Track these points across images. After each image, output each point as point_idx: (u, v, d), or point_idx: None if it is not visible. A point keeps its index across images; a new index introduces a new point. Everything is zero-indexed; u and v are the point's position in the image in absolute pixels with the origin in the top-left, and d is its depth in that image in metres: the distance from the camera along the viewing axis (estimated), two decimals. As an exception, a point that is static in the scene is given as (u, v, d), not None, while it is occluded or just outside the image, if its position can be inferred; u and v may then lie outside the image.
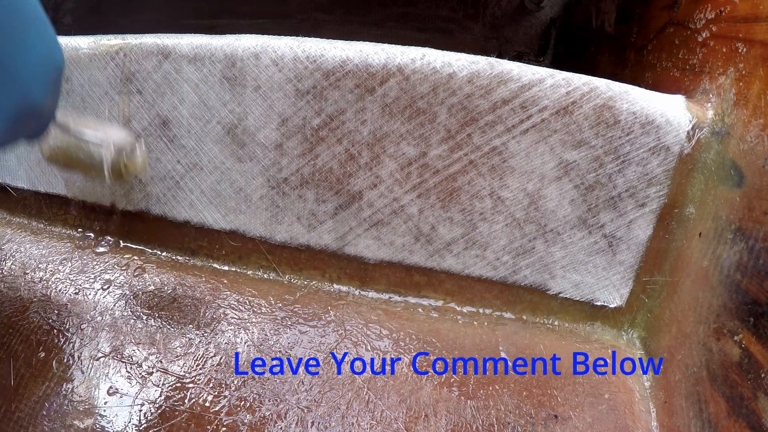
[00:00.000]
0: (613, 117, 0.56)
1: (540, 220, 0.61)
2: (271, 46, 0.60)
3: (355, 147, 0.61)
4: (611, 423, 0.54)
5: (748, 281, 0.45)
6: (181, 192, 0.68)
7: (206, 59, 0.62)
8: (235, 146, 0.64)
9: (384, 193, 0.63)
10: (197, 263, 0.70)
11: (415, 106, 0.59)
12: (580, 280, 0.63)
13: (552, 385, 0.57)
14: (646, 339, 0.62)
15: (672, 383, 0.54)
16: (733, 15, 0.54)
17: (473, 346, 0.61)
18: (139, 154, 0.54)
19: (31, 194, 0.75)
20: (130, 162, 0.53)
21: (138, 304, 0.63)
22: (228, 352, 0.58)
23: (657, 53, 0.70)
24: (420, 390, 0.56)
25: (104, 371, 0.55)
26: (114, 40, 0.66)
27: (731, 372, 0.45)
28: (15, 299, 0.63)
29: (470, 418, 0.53)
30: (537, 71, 0.57)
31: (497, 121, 0.58)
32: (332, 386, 0.55)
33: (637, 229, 0.60)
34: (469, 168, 0.60)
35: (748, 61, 0.50)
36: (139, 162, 0.54)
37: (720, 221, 0.51)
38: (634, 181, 0.58)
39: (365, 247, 0.65)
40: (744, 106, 0.51)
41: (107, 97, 0.67)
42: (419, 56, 0.58)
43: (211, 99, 0.63)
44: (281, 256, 0.68)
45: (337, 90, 0.60)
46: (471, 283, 0.65)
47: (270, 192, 0.65)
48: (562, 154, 0.58)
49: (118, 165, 0.52)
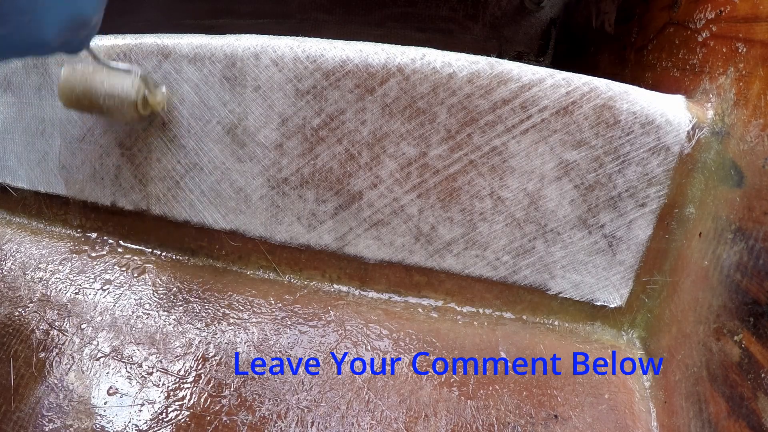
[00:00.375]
0: (613, 117, 0.56)
1: (540, 220, 0.61)
2: (271, 46, 0.60)
3: (355, 147, 0.61)
4: (611, 423, 0.54)
5: (748, 281, 0.45)
6: (181, 192, 0.68)
7: (206, 59, 0.62)
8: (235, 146, 0.64)
9: (384, 193, 0.63)
10: (197, 263, 0.70)
11: (415, 106, 0.59)
12: (580, 280, 0.63)
13: (552, 385, 0.57)
14: (646, 339, 0.62)
15: (672, 383, 0.54)
16: (733, 15, 0.54)
17: (473, 346, 0.61)
18: (161, 92, 0.57)
19: (31, 194, 0.75)
20: (152, 96, 0.55)
21: (138, 304, 0.63)
22: (228, 352, 0.58)
23: (657, 53, 0.70)
24: (420, 390, 0.56)
25: (104, 371, 0.55)
26: (114, 40, 0.66)
27: (731, 372, 0.45)
28: (15, 299, 0.63)
29: (470, 418, 0.53)
30: (537, 71, 0.57)
31: (497, 121, 0.58)
32: (332, 386, 0.55)
33: (637, 229, 0.60)
34: (469, 168, 0.60)
35: (748, 61, 0.50)
36: (158, 98, 0.56)
37: (720, 221, 0.51)
38: (634, 181, 0.58)
39: (365, 247, 0.65)
40: (744, 106, 0.51)
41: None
42: (419, 56, 0.58)
43: (211, 99, 0.63)
44: (281, 256, 0.68)
45: (337, 90, 0.60)
46: (471, 283, 0.65)
47: (270, 192, 0.65)
48: (562, 154, 0.58)
49: (138, 97, 0.54)
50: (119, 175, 0.69)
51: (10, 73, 0.72)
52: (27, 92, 0.72)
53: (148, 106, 0.57)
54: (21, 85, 0.72)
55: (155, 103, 0.58)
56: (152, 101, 0.57)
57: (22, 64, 0.71)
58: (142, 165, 0.68)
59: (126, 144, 0.68)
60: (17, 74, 0.71)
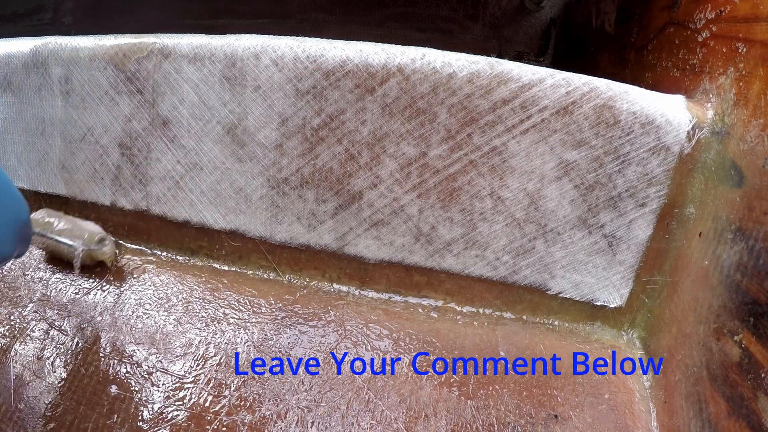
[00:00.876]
0: (613, 117, 0.56)
1: (540, 220, 0.61)
2: (271, 46, 0.60)
3: (355, 147, 0.61)
4: (611, 423, 0.54)
5: (748, 281, 0.45)
6: (181, 192, 0.67)
7: (206, 59, 0.62)
8: (235, 146, 0.64)
9: (384, 193, 0.63)
10: (197, 263, 0.70)
11: (415, 106, 0.59)
12: (580, 280, 0.63)
13: (552, 385, 0.57)
14: (646, 339, 0.62)
15: (672, 383, 0.54)
16: (733, 15, 0.54)
17: (473, 346, 0.61)
18: (107, 247, 0.66)
19: (31, 194, 0.75)
20: (98, 253, 0.65)
21: (138, 304, 0.63)
22: (228, 352, 0.58)
23: (657, 53, 0.70)
24: (420, 390, 0.56)
25: (104, 371, 0.55)
26: (114, 40, 0.66)
27: (731, 372, 0.45)
28: (15, 299, 0.63)
29: (470, 418, 0.53)
30: (537, 71, 0.57)
31: (497, 121, 0.58)
32: (332, 386, 0.55)
33: (637, 229, 0.60)
34: (469, 168, 0.60)
35: (748, 61, 0.50)
36: (107, 253, 0.66)
37: (720, 221, 0.51)
38: (634, 181, 0.58)
39: (365, 247, 0.65)
40: (744, 106, 0.51)
41: (107, 97, 0.67)
42: (419, 56, 0.58)
43: (211, 99, 0.63)
44: (281, 256, 0.68)
45: (337, 90, 0.60)
46: (471, 283, 0.65)
47: (270, 192, 0.65)
48: (562, 154, 0.58)
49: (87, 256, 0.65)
50: (119, 175, 0.69)
51: (10, 73, 0.72)
52: (27, 92, 0.72)
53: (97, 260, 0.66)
54: (21, 85, 0.72)
55: (103, 258, 0.66)
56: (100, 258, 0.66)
57: (22, 63, 0.71)
58: (142, 165, 0.68)
59: (126, 144, 0.68)
60: (17, 74, 0.71)
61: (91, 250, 0.65)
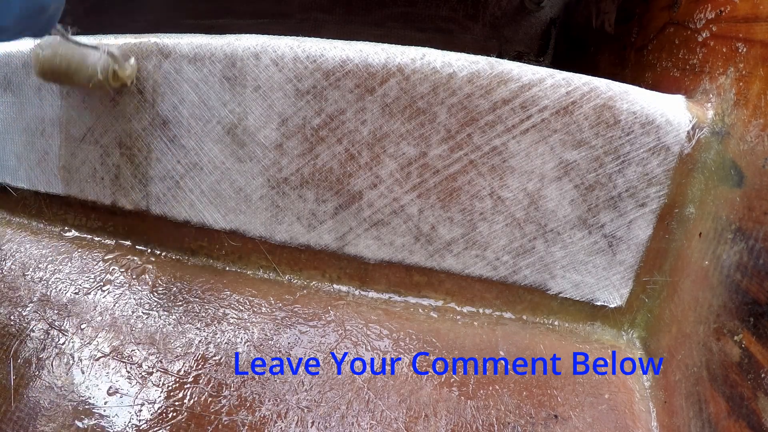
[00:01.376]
0: (613, 117, 0.56)
1: (540, 220, 0.61)
2: (271, 46, 0.60)
3: (355, 147, 0.61)
4: (611, 423, 0.54)
5: (748, 281, 0.45)
6: (181, 192, 0.68)
7: (206, 59, 0.62)
8: (235, 146, 0.64)
9: (384, 193, 0.63)
10: (197, 263, 0.70)
11: (415, 106, 0.59)
12: (580, 280, 0.63)
13: (552, 385, 0.57)
14: (646, 339, 0.62)
15: (672, 383, 0.54)
16: (733, 15, 0.54)
17: (473, 346, 0.61)
18: (130, 65, 0.60)
19: (31, 194, 0.75)
20: (121, 69, 0.59)
21: (138, 304, 0.63)
22: (228, 352, 0.58)
23: (657, 53, 0.70)
24: (420, 390, 0.56)
25: (104, 371, 0.55)
26: (114, 40, 0.66)
27: (731, 372, 0.45)
28: (15, 299, 0.63)
29: (470, 418, 0.53)
30: (537, 71, 0.57)
31: (497, 121, 0.58)
32: (332, 386, 0.55)
33: (637, 229, 0.60)
34: (469, 168, 0.60)
35: (748, 61, 0.50)
36: (127, 71, 0.60)
37: (720, 221, 0.51)
38: (634, 181, 0.58)
39: (365, 247, 0.65)
40: (744, 106, 0.51)
41: (107, 97, 0.67)
42: (419, 56, 0.58)
43: (211, 99, 0.63)
44: (281, 256, 0.68)
45: (337, 90, 0.60)
46: (471, 283, 0.65)
47: (270, 192, 0.65)
48: (562, 154, 0.58)
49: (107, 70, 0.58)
50: (119, 175, 0.69)
51: (10, 72, 0.72)
52: (27, 92, 0.72)
53: (117, 78, 0.60)
54: (21, 85, 0.72)
55: (124, 77, 0.61)
56: (121, 74, 0.60)
57: (22, 63, 0.71)
58: (142, 165, 0.68)
59: (126, 144, 0.68)
60: (17, 74, 0.71)
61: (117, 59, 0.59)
